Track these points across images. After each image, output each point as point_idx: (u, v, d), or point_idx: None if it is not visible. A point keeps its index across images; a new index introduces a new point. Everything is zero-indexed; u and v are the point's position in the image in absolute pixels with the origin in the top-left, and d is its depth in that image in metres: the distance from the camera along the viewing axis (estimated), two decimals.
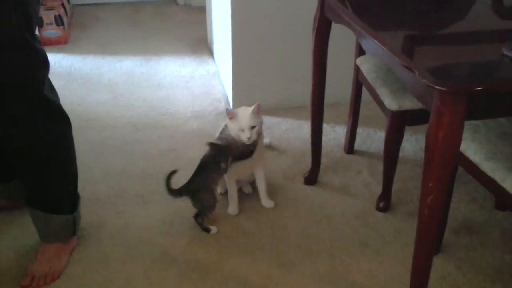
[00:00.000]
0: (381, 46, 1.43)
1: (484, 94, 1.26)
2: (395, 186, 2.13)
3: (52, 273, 1.80)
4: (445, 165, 1.29)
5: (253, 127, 1.94)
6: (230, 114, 1.96)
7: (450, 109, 1.24)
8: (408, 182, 2.27)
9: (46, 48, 1.73)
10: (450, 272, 1.82)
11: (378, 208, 2.10)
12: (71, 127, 1.81)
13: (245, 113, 1.95)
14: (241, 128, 1.93)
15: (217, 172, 2.00)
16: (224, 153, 1.98)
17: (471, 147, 1.57)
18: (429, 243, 1.42)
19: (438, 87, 1.21)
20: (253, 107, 1.95)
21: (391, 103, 1.88)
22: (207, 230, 1.99)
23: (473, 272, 1.83)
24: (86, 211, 2.01)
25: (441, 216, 1.37)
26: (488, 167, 1.51)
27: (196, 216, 2.00)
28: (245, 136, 1.93)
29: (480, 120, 1.66)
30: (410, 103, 1.86)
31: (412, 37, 1.58)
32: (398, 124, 1.92)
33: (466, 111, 1.25)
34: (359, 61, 2.19)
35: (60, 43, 3.59)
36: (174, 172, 1.97)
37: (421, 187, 1.34)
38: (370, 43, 1.58)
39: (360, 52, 2.25)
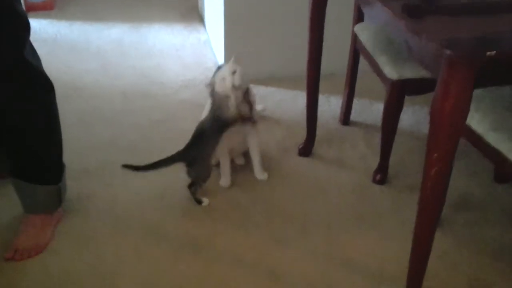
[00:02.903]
0: (387, 10, 1.35)
1: (493, 61, 1.19)
2: (391, 159, 2.06)
3: (36, 246, 1.73)
4: (451, 135, 1.23)
5: (233, 72, 1.89)
6: (211, 81, 1.94)
7: (458, 76, 1.17)
8: (405, 155, 2.21)
9: (31, 14, 1.64)
10: (448, 250, 1.77)
11: (375, 181, 2.04)
12: (55, 93, 1.73)
13: (227, 64, 1.93)
14: (222, 77, 1.89)
15: (215, 141, 1.93)
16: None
17: (475, 117, 1.50)
18: (431, 218, 1.36)
19: (447, 52, 1.13)
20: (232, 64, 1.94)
21: (391, 72, 1.81)
22: (199, 202, 1.93)
23: (472, 249, 1.78)
24: (74, 183, 1.94)
25: (445, 189, 1.31)
26: (493, 138, 1.45)
27: (190, 186, 1.93)
28: (228, 82, 1.88)
29: (484, 89, 1.59)
30: (410, 72, 1.79)
31: (419, 4, 1.49)
32: (397, 93, 1.86)
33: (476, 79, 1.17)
34: (357, 28, 2.11)
35: (46, 9, 3.46)
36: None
37: (425, 158, 1.28)
38: (373, 9, 1.49)
39: (358, 19, 2.17)
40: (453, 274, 1.69)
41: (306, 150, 2.20)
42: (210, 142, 1.93)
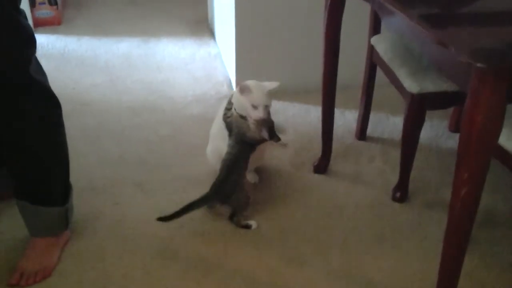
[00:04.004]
0: (407, 20, 1.27)
1: None
2: (410, 175, 1.98)
3: (43, 270, 1.66)
4: (483, 154, 1.15)
5: (266, 106, 1.81)
6: (244, 89, 1.81)
7: (490, 89, 1.09)
8: (425, 170, 2.12)
9: (39, 29, 1.58)
10: (475, 268, 1.68)
11: (394, 199, 1.96)
12: (61, 110, 1.66)
13: (260, 90, 1.81)
14: (254, 105, 1.79)
15: (245, 165, 1.86)
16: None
17: (503, 133, 1.41)
18: (461, 240, 1.28)
19: (478, 64, 1.05)
20: (271, 85, 1.83)
21: (412, 85, 1.73)
22: (248, 227, 1.85)
23: (499, 268, 1.69)
24: (80, 202, 1.86)
25: (475, 210, 1.22)
26: None
27: (231, 217, 1.85)
28: (257, 114, 1.79)
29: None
30: (432, 85, 1.72)
31: (443, 14, 1.41)
32: (418, 108, 1.77)
33: (508, 93, 1.10)
34: (374, 40, 2.04)
35: (54, 24, 3.42)
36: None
37: (454, 178, 1.20)
38: (395, 19, 1.42)
39: (375, 31, 2.10)
40: None
41: (322, 166, 2.12)
42: (241, 168, 1.85)
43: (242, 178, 1.85)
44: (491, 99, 1.10)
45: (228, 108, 1.89)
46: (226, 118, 1.88)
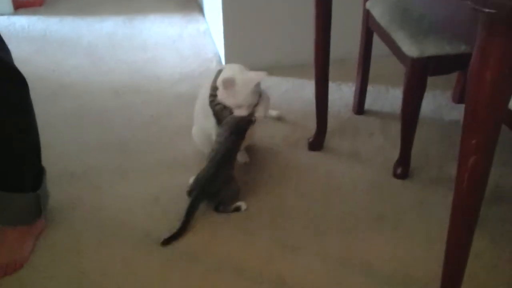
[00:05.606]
0: None
1: None
2: (412, 150, 1.83)
3: (14, 263, 1.52)
4: (494, 116, 0.99)
5: (250, 105, 1.66)
6: (227, 84, 1.64)
7: (500, 41, 0.93)
8: (428, 144, 1.97)
9: (19, 11, 1.43)
10: (484, 249, 1.54)
11: (396, 175, 1.81)
12: (28, 89, 1.52)
13: (246, 87, 1.64)
14: (238, 104, 1.65)
15: (235, 153, 1.73)
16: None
17: None
18: (469, 217, 1.13)
19: (486, 10, 0.90)
20: (258, 77, 1.67)
21: (411, 49, 1.58)
22: (237, 209, 1.71)
23: (511, 248, 1.55)
24: (57, 189, 1.73)
25: (485, 182, 1.07)
26: None
27: (216, 208, 1.70)
28: (241, 113, 1.66)
29: None
30: (433, 48, 1.56)
31: None
32: (419, 73, 1.62)
33: None
34: (369, 4, 1.88)
35: (35, 5, 3.25)
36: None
37: (461, 146, 1.04)
38: None
39: None
40: (492, 275, 1.48)
41: (317, 143, 1.97)
42: (233, 161, 1.71)
43: (232, 170, 1.71)
44: (501, 52, 0.94)
45: (214, 95, 1.72)
46: (214, 105, 1.71)
